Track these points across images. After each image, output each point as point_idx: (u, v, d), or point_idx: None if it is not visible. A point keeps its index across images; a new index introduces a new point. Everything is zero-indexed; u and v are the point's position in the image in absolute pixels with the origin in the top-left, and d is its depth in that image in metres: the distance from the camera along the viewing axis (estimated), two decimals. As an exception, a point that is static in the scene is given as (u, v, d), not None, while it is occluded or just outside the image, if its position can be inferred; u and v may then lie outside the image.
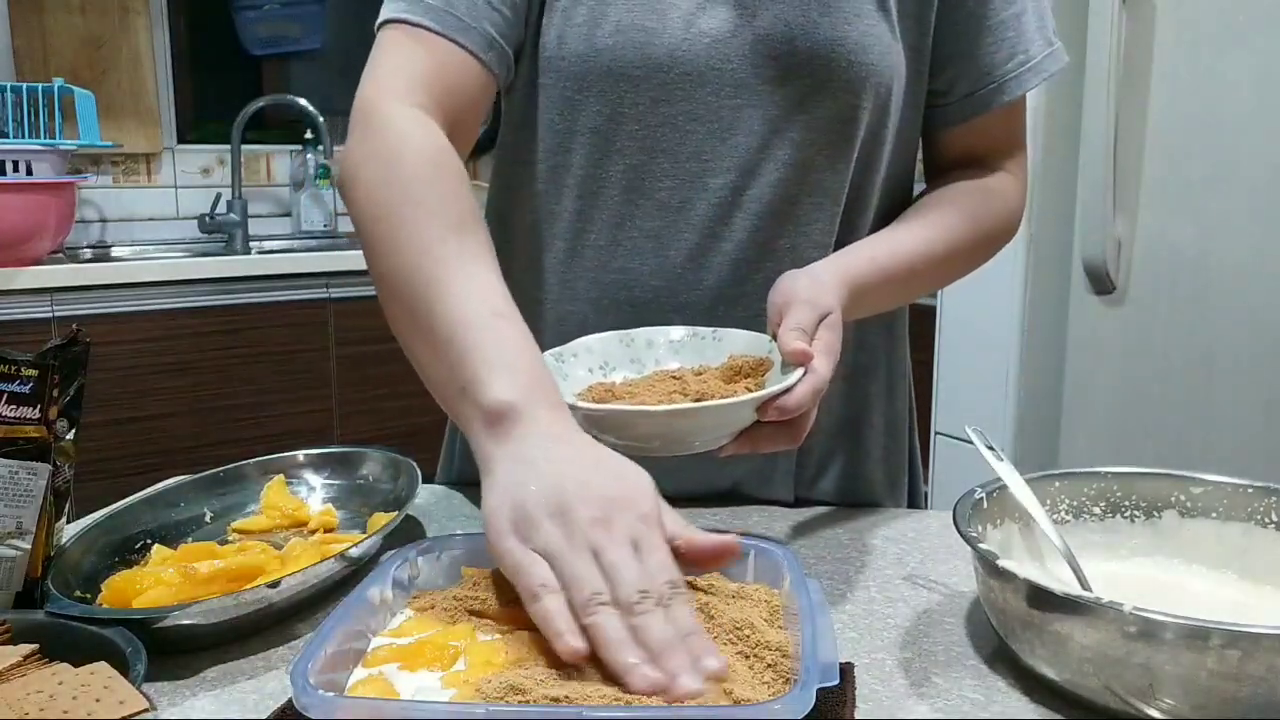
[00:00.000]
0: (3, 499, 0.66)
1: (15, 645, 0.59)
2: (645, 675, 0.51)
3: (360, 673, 0.55)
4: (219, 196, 2.93)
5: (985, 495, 0.71)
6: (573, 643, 0.53)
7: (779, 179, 0.86)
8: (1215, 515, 0.72)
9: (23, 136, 2.34)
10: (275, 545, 0.78)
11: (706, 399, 0.70)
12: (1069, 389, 2.05)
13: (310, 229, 3.08)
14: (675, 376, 0.76)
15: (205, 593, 0.68)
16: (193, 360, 2.44)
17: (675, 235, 0.87)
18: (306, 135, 3.05)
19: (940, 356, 2.30)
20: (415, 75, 0.80)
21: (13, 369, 0.66)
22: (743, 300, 0.87)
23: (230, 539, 0.83)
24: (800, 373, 0.70)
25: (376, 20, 0.84)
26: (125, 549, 0.78)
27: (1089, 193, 1.93)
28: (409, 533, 0.86)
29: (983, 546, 0.62)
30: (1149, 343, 1.89)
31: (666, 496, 0.61)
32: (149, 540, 0.80)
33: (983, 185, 0.92)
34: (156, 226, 2.95)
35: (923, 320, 2.26)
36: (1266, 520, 0.70)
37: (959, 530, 0.65)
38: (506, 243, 0.94)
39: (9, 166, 2.25)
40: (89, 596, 0.70)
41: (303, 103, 2.87)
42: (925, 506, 1.02)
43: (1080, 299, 2.00)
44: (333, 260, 2.57)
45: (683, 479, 0.62)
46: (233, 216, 2.91)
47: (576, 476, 0.59)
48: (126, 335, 2.36)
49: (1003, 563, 0.60)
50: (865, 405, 0.97)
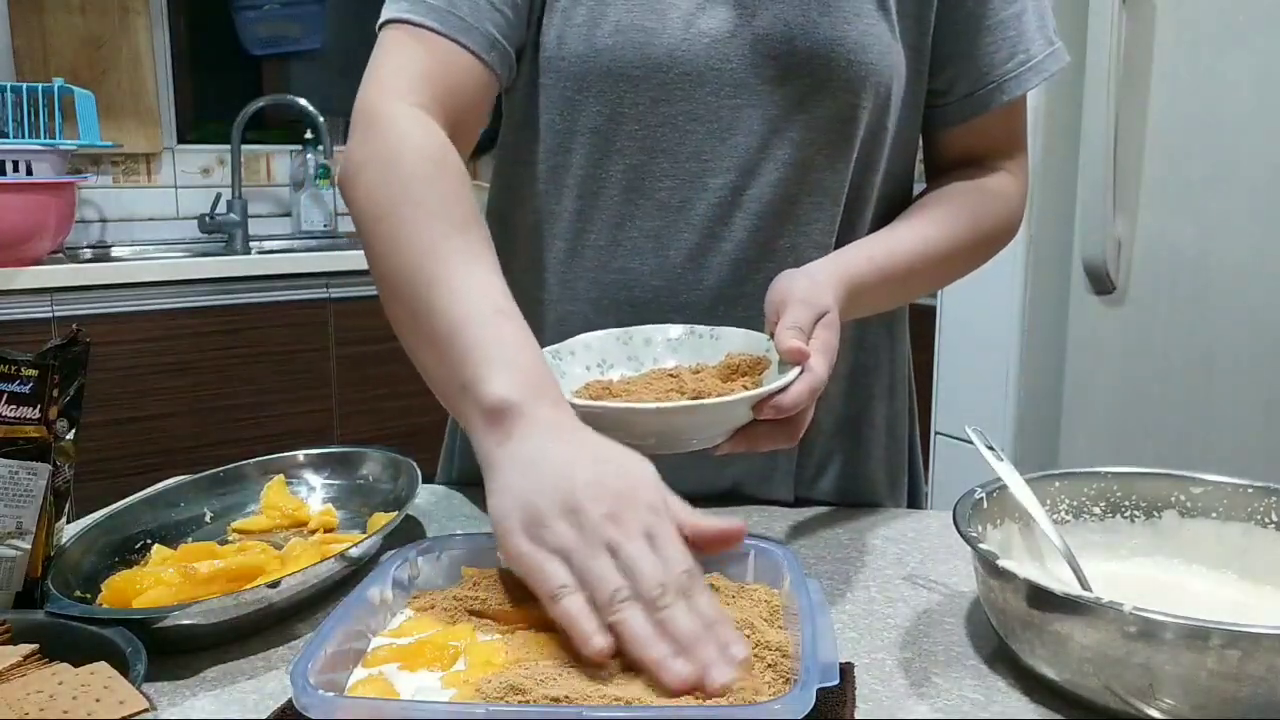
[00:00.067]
0: (3, 499, 0.66)
1: (15, 645, 0.59)
2: (678, 672, 0.52)
3: (360, 673, 0.55)
4: (219, 196, 2.93)
5: (985, 495, 0.71)
6: (601, 643, 0.53)
7: (779, 179, 0.86)
8: (1215, 515, 0.72)
9: (23, 136, 2.34)
10: (275, 545, 0.78)
11: (703, 397, 0.70)
12: (1069, 389, 2.05)
13: (310, 229, 3.08)
14: (672, 375, 0.76)
15: (205, 593, 0.68)
16: (193, 360, 2.44)
17: (675, 235, 0.87)
18: (306, 135, 3.05)
19: (940, 356, 2.30)
20: (417, 75, 0.80)
21: (13, 369, 0.66)
22: (743, 300, 0.87)
23: (230, 539, 0.83)
24: (796, 371, 0.70)
25: (378, 20, 0.84)
26: (125, 549, 0.78)
27: (1089, 193, 1.93)
28: (409, 533, 0.86)
29: (983, 546, 0.62)
30: (1149, 343, 1.89)
31: None
32: (149, 540, 0.80)
33: (983, 185, 0.92)
34: (156, 226, 2.95)
35: (923, 320, 2.26)
36: (1266, 520, 0.70)
37: (959, 530, 0.65)
38: (507, 243, 0.94)
39: (9, 166, 2.25)
40: (89, 596, 0.70)
41: (303, 103, 2.87)
42: (925, 506, 1.02)
43: (1080, 299, 2.00)
44: (333, 260, 2.57)
45: (682, 479, 0.62)
46: (233, 216, 2.91)
47: (583, 473, 0.59)
48: (126, 335, 2.36)
49: (1003, 563, 0.60)
50: (866, 405, 0.97)
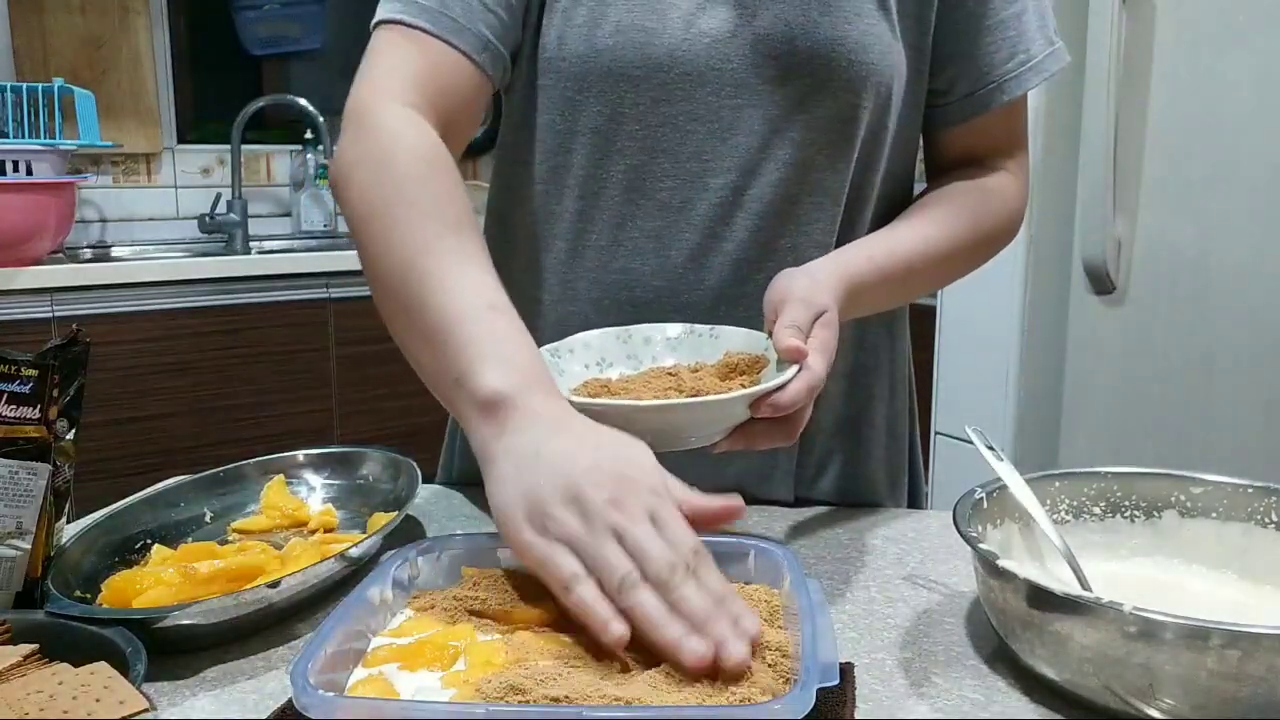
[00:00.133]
0: (3, 499, 0.66)
1: (15, 645, 0.59)
2: (694, 649, 0.52)
3: (360, 673, 0.55)
4: (219, 196, 2.93)
5: (985, 495, 0.71)
6: (619, 628, 0.54)
7: (780, 179, 0.86)
8: (1215, 515, 0.72)
9: (23, 136, 2.34)
10: (275, 545, 0.78)
11: (701, 395, 0.70)
12: (1069, 389, 2.05)
13: (310, 229, 3.08)
14: (671, 373, 0.76)
15: (205, 593, 0.68)
16: (193, 360, 2.44)
17: (676, 235, 0.87)
18: (306, 135, 3.05)
19: (940, 356, 2.30)
20: (409, 76, 0.80)
21: (13, 369, 0.66)
22: (744, 300, 0.87)
23: (230, 539, 0.83)
24: (794, 370, 0.70)
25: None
26: (125, 549, 0.78)
27: (1089, 193, 1.93)
28: (409, 533, 0.86)
29: (983, 546, 0.62)
30: (1149, 343, 1.89)
31: None
32: (149, 540, 0.80)
33: (983, 185, 0.92)
34: (156, 226, 2.95)
35: (923, 320, 2.26)
36: (1266, 520, 0.70)
37: (959, 530, 0.65)
38: (507, 243, 0.94)
39: (9, 166, 2.25)
40: (89, 596, 0.70)
41: (303, 103, 2.87)
42: (925, 506, 1.02)
43: (1080, 299, 2.00)
44: (333, 260, 2.57)
45: (682, 478, 0.63)
46: (233, 216, 2.91)
47: (583, 460, 0.59)
48: (126, 335, 2.36)
49: (1003, 563, 0.60)
50: (866, 405, 0.97)
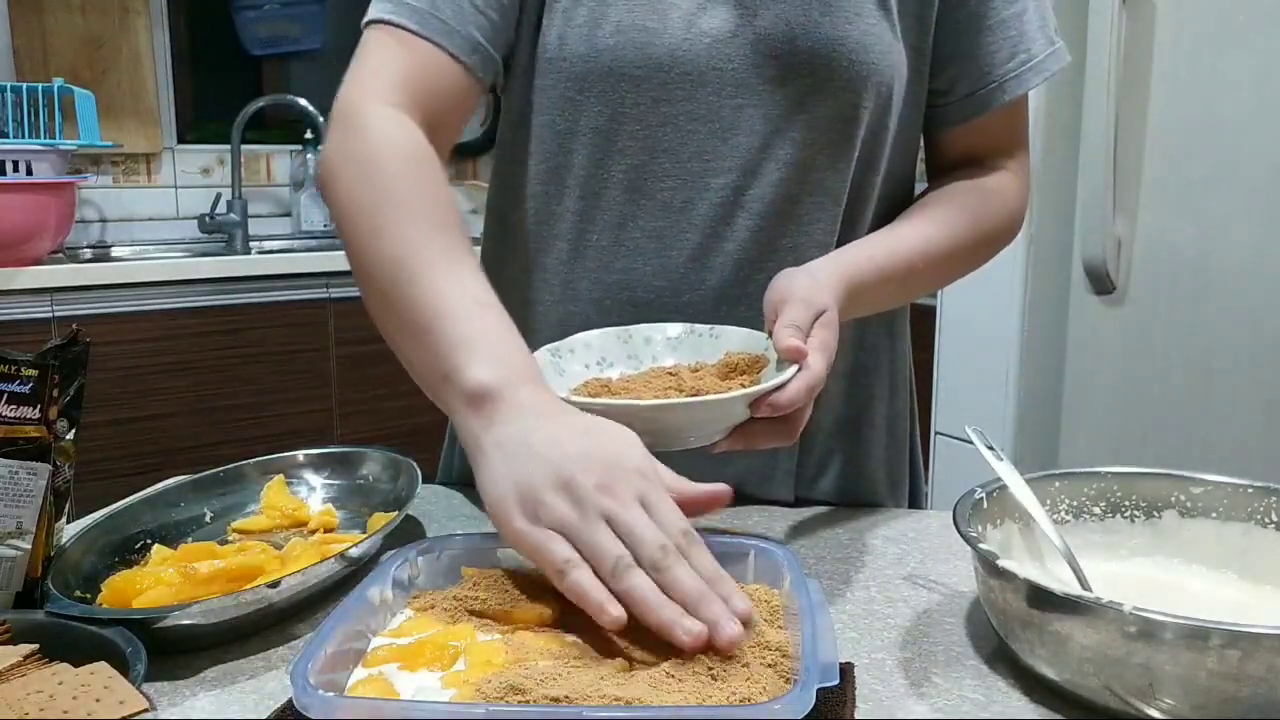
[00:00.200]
0: (3, 499, 0.66)
1: (15, 645, 0.59)
2: (689, 628, 0.53)
3: (360, 673, 0.55)
4: (219, 196, 2.93)
5: (985, 495, 0.71)
6: (615, 612, 0.54)
7: (780, 178, 0.85)
8: (1215, 515, 0.72)
9: (23, 136, 2.34)
10: (275, 545, 0.78)
11: (701, 395, 0.70)
12: (1069, 389, 2.05)
13: (310, 229, 3.08)
14: (671, 373, 0.76)
15: (205, 593, 0.68)
16: (193, 360, 2.44)
17: (677, 235, 0.87)
18: (306, 135, 3.05)
19: (940, 356, 2.30)
20: (396, 77, 0.81)
21: (13, 369, 0.66)
22: (745, 300, 0.87)
23: (230, 539, 0.83)
24: (794, 369, 0.70)
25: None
26: (125, 549, 0.78)
27: (1089, 193, 1.93)
28: (409, 533, 0.86)
29: (983, 546, 0.62)
30: (1149, 343, 1.89)
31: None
32: (149, 540, 0.80)
33: (983, 185, 0.92)
34: (156, 226, 2.95)
35: (923, 320, 2.26)
36: (1266, 520, 0.70)
37: (959, 530, 0.65)
38: (506, 242, 0.94)
39: (9, 166, 2.25)
40: (89, 596, 0.70)
41: (303, 103, 2.87)
42: (925, 506, 1.02)
43: (1080, 299, 2.00)
44: (333, 260, 2.57)
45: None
46: (233, 216, 2.91)
47: (571, 447, 0.60)
48: (126, 335, 2.36)
49: (1003, 563, 0.60)
50: (866, 405, 0.97)
